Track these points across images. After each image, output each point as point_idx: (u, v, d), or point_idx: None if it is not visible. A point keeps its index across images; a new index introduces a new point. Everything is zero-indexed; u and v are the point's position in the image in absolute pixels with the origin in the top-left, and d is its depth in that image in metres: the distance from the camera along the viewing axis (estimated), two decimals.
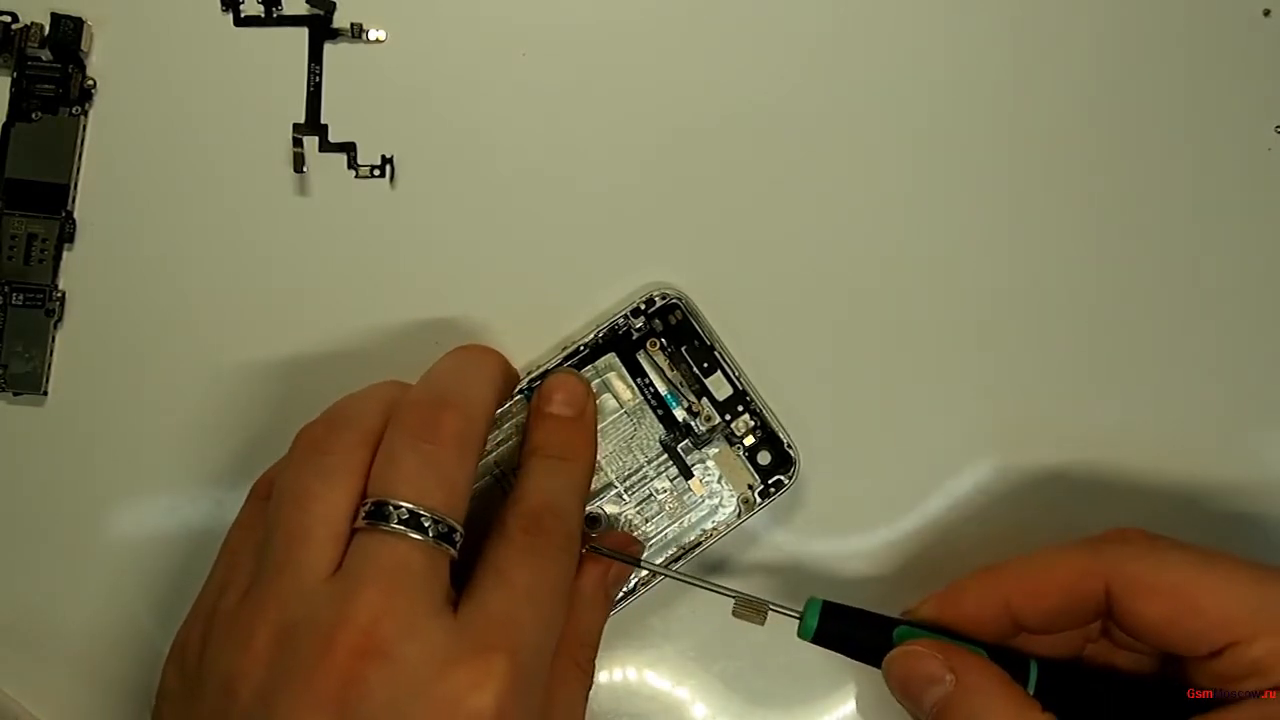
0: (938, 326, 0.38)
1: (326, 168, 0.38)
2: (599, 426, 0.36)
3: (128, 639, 0.37)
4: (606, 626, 0.34)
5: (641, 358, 0.36)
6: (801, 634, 0.32)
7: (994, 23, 0.38)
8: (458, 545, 0.30)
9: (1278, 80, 0.38)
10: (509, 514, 0.32)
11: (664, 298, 0.36)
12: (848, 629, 0.32)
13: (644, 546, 0.36)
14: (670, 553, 0.36)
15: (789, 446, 0.36)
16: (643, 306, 0.36)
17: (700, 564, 0.36)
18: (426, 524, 0.29)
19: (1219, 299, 0.38)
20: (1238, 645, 0.30)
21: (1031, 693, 0.31)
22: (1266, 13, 0.39)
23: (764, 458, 0.36)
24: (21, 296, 0.37)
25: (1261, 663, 0.29)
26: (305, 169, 0.37)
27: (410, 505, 0.29)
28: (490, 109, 0.38)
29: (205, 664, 0.30)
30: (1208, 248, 0.38)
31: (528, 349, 0.37)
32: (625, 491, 0.36)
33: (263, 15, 0.38)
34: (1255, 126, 0.38)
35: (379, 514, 0.29)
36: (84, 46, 0.37)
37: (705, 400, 0.36)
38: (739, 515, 0.36)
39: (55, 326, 0.37)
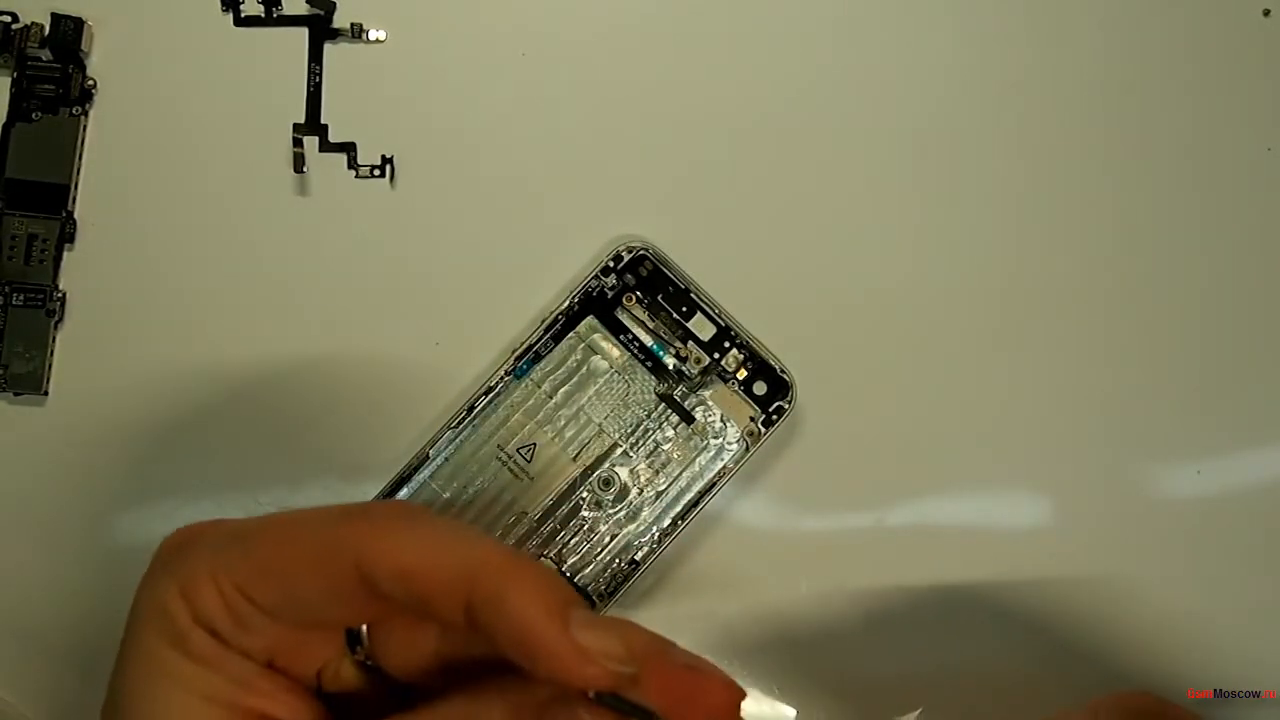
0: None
1: (326, 168, 0.38)
2: (594, 389, 0.36)
3: None
4: None
5: (621, 314, 0.36)
6: None
7: (992, 24, 0.39)
8: None
9: (1278, 80, 0.38)
10: None
11: (630, 251, 0.36)
12: None
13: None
14: (689, 498, 0.36)
15: (782, 372, 0.36)
16: (611, 264, 0.36)
17: (714, 506, 0.36)
18: None
19: (1219, 299, 0.38)
20: None
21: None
22: (1266, 13, 0.39)
23: (760, 388, 0.36)
24: (21, 296, 0.37)
25: None
26: (305, 169, 0.37)
27: None
28: (490, 109, 0.38)
29: None
30: (1208, 248, 0.38)
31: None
32: (631, 449, 0.36)
33: (263, 15, 0.38)
34: (1255, 126, 0.38)
35: None
36: (84, 46, 0.37)
37: (691, 344, 0.36)
38: (747, 449, 0.36)
39: (55, 326, 0.37)
